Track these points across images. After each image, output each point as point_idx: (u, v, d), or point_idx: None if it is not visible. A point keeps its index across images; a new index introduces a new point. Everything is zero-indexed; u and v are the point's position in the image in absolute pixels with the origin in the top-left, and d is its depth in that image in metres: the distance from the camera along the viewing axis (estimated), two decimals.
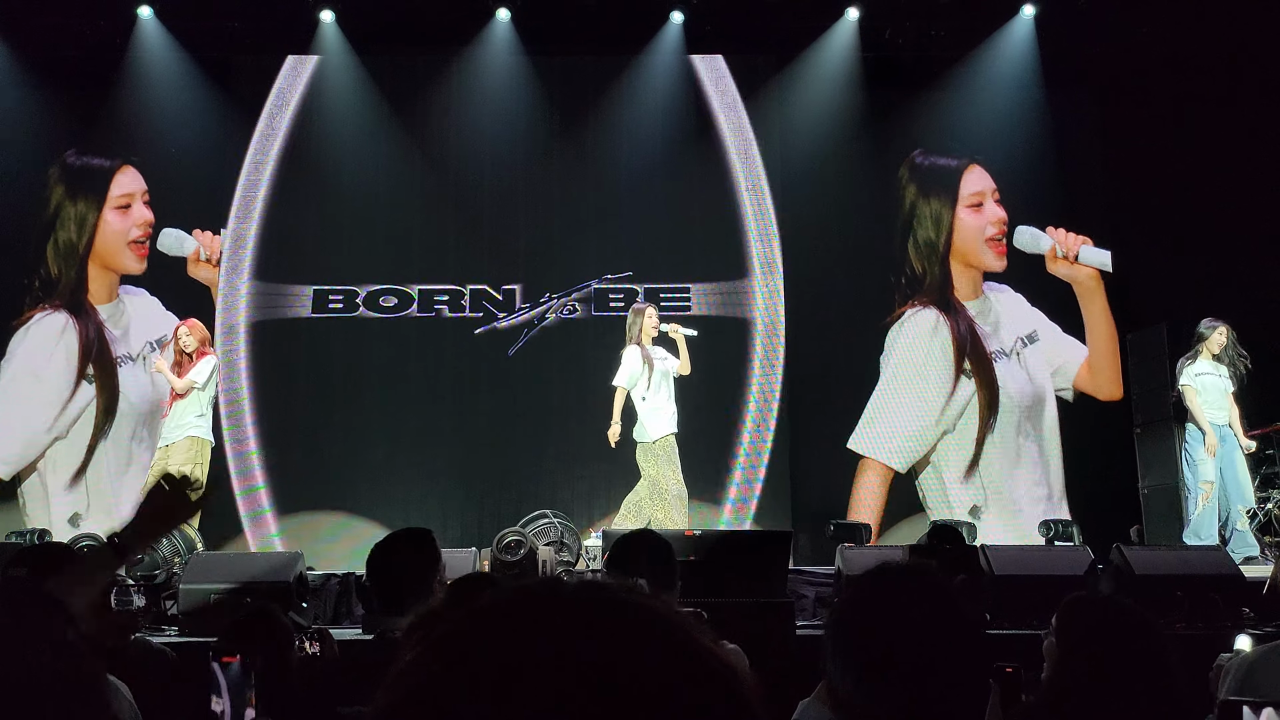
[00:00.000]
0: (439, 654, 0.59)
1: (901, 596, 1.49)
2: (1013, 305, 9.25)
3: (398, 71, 9.34)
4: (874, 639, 1.44)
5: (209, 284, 9.06)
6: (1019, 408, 9.04)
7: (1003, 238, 9.27)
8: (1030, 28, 9.19)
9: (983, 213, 9.31)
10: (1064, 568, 5.51)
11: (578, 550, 6.58)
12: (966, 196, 9.34)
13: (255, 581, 5.73)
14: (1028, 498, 8.84)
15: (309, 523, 8.58)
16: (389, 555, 2.70)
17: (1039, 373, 9.13)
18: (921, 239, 9.32)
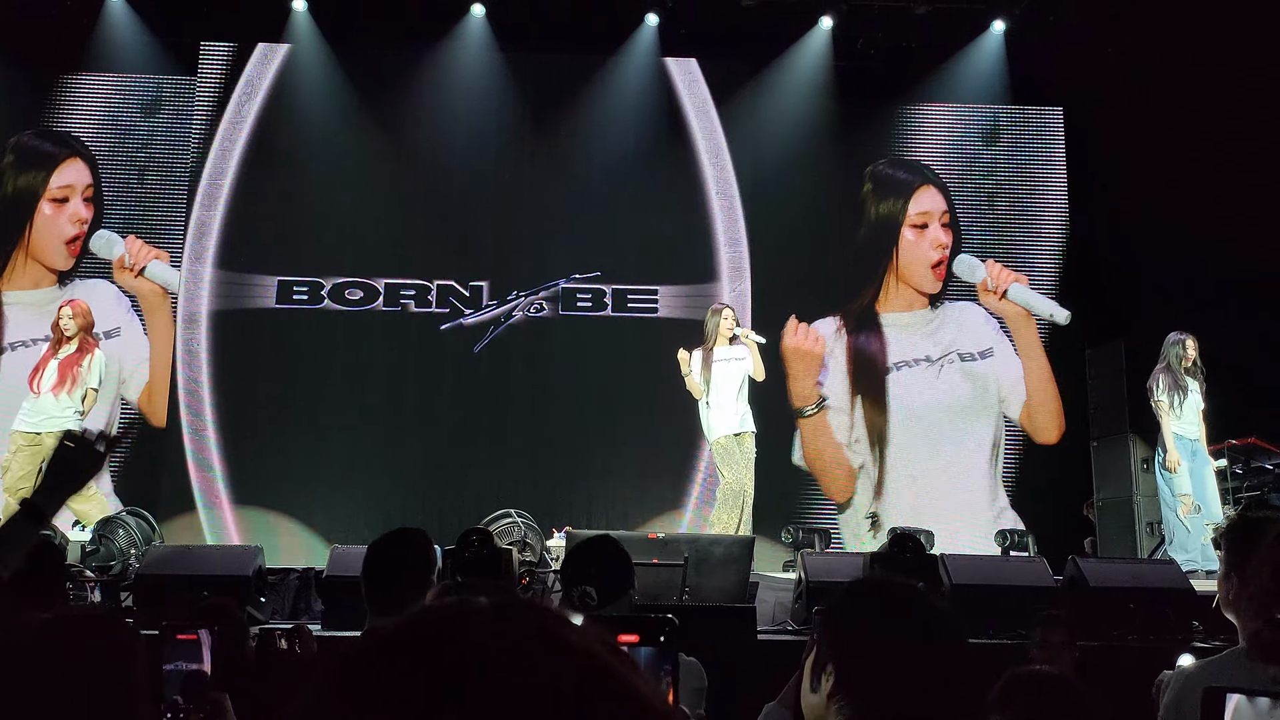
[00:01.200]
0: (323, 688, 0.60)
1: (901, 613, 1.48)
2: (970, 320, 9.33)
3: (370, 64, 9.27)
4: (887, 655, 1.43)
5: (133, 291, 8.86)
6: (927, 420, 9.06)
7: (943, 263, 9.35)
8: (1000, 43, 9.32)
9: (925, 235, 9.38)
10: (1021, 578, 5.58)
11: (540, 550, 6.56)
12: (913, 215, 9.42)
13: (213, 575, 5.66)
14: (965, 509, 8.90)
15: (268, 515, 8.49)
16: (385, 554, 2.68)
17: (980, 387, 9.20)
18: (867, 247, 9.39)
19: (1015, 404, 9.17)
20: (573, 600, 2.57)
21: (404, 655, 0.59)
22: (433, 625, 0.61)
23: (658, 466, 8.72)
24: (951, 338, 9.26)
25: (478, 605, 0.63)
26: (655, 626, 1.49)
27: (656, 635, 1.48)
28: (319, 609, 6.03)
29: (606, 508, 8.41)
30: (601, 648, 0.62)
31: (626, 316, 9.06)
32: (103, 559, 6.27)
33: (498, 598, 0.64)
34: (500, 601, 0.64)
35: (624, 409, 8.82)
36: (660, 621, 1.51)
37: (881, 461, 8.98)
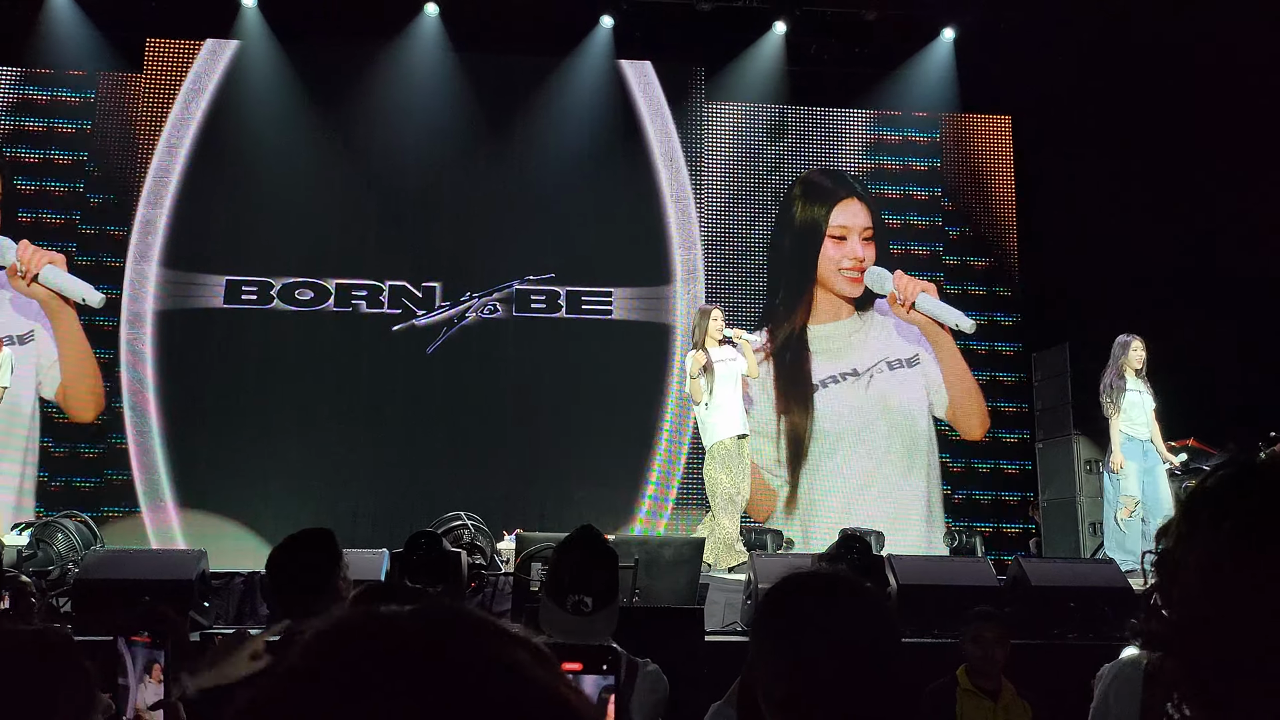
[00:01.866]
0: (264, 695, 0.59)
1: (834, 604, 1.48)
2: (895, 327, 9.41)
3: (321, 61, 9.17)
4: (809, 646, 1.44)
5: (30, 296, 8.61)
6: (858, 428, 9.15)
7: (859, 273, 9.41)
8: (950, 51, 9.45)
9: (844, 247, 9.44)
10: (965, 578, 5.67)
11: (490, 553, 6.53)
12: (834, 227, 9.48)
13: (155, 579, 5.56)
14: (900, 516, 8.99)
15: (215, 518, 8.36)
16: (289, 556, 2.63)
17: (911, 394, 9.30)
18: (790, 254, 9.46)
19: (940, 407, 9.28)
20: (565, 605, 2.51)
21: (330, 678, 0.58)
22: (356, 643, 0.60)
23: (610, 468, 8.72)
24: (880, 345, 9.33)
25: (399, 619, 0.62)
26: (598, 656, 1.48)
27: (599, 665, 1.48)
28: (264, 613, 5.95)
29: (559, 510, 8.37)
30: (531, 660, 0.61)
31: (580, 318, 9.05)
32: (40, 564, 6.14)
33: (421, 606, 0.63)
34: (427, 611, 0.62)
35: (577, 411, 8.81)
36: (603, 650, 1.51)
37: (795, 481, 9.02)
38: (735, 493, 6.54)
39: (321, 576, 2.60)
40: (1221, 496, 0.86)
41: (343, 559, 2.68)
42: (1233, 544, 0.83)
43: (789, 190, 9.51)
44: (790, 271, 9.39)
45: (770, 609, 1.48)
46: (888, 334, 9.36)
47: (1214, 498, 0.87)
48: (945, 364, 9.32)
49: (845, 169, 9.62)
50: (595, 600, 2.50)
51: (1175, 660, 0.84)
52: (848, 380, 9.20)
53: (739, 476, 6.57)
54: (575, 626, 2.48)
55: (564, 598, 2.49)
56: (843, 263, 9.40)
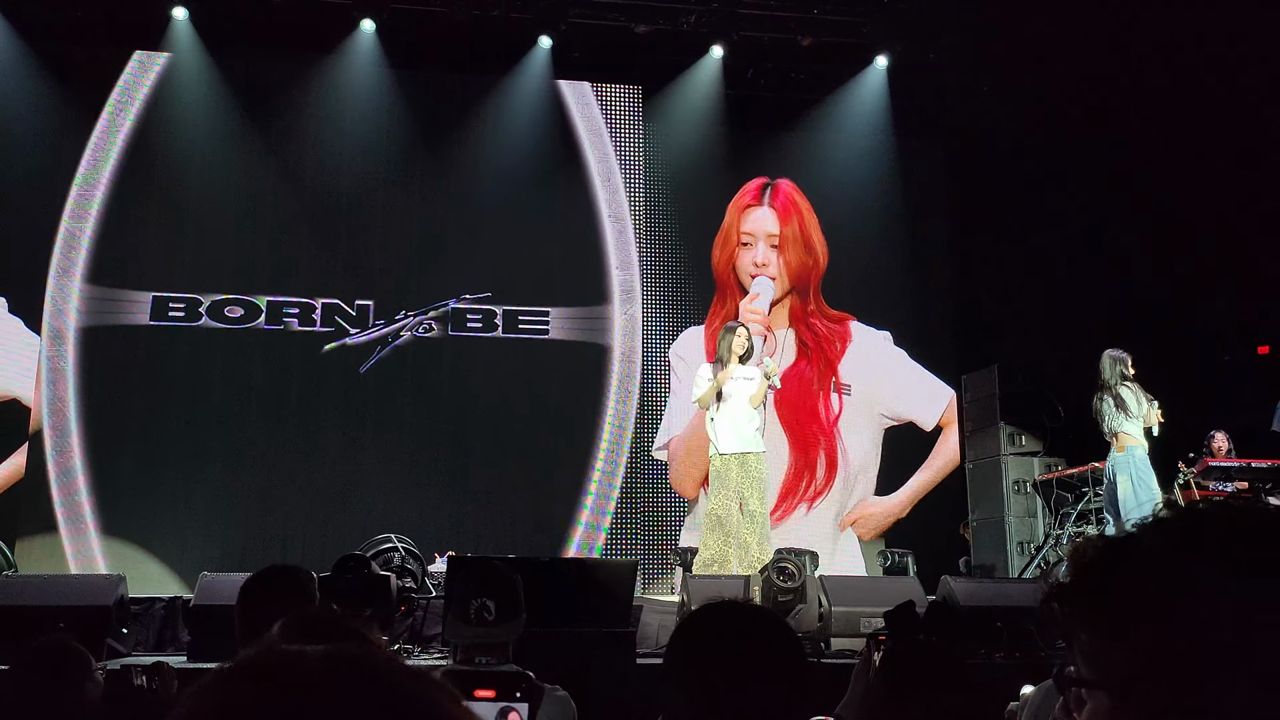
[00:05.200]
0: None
1: (733, 630, 1.52)
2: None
3: (254, 76, 9.03)
4: (709, 671, 1.47)
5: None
6: None
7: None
8: (883, 77, 9.63)
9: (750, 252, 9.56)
10: (895, 598, 5.70)
11: (421, 576, 6.44)
12: (743, 234, 9.57)
13: (71, 605, 5.38)
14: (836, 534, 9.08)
15: (137, 540, 8.12)
16: (261, 592, 2.58)
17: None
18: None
19: None
20: (469, 615, 2.54)
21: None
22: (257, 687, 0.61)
23: (547, 488, 8.67)
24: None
25: (305, 659, 0.62)
26: (510, 682, 1.49)
27: (512, 691, 1.49)
28: (186, 639, 5.80)
29: (494, 532, 8.30)
30: (435, 697, 0.62)
31: (517, 338, 9.01)
32: None
33: (326, 649, 0.64)
34: (330, 654, 0.63)
35: (513, 431, 8.75)
36: (515, 677, 1.51)
37: None
38: (724, 513, 6.48)
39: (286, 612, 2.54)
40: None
41: (314, 597, 2.64)
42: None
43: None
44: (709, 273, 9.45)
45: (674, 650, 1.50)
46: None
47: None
48: None
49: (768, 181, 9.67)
50: (498, 607, 2.54)
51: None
52: None
53: (729, 496, 6.49)
54: (478, 634, 2.52)
55: (466, 606, 2.53)
56: (748, 269, 9.48)
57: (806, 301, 9.46)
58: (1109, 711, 0.83)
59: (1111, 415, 6.86)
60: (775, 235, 9.45)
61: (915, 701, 2.16)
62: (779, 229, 9.47)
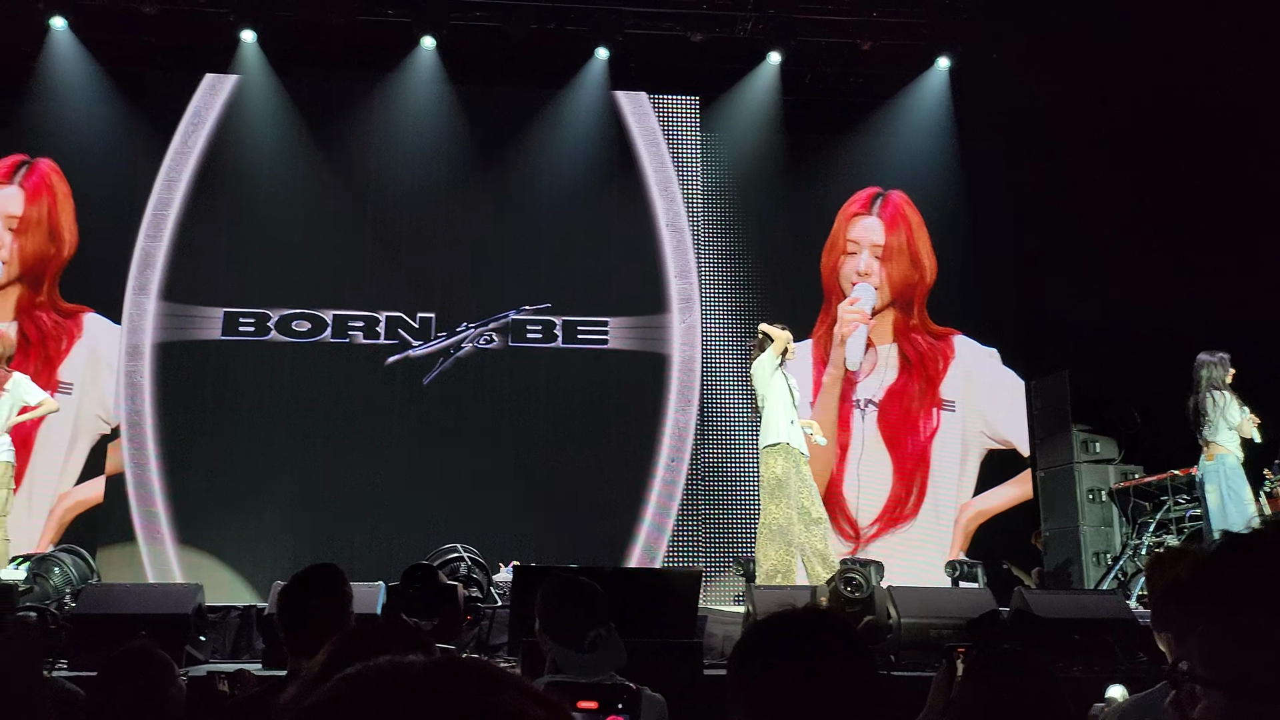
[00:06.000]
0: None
1: (800, 642, 1.48)
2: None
3: (319, 95, 9.22)
4: (775, 685, 1.44)
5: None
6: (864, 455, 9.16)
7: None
8: (945, 78, 9.50)
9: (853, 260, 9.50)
10: (966, 610, 5.60)
11: (487, 585, 6.48)
12: (847, 241, 9.52)
13: (151, 614, 5.53)
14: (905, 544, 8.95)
15: (212, 550, 8.31)
16: (298, 596, 2.63)
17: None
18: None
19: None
20: (582, 644, 2.55)
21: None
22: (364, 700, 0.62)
23: (608, 498, 8.68)
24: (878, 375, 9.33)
25: (409, 669, 0.63)
26: (615, 694, 1.50)
27: (615, 702, 1.50)
28: (260, 647, 5.91)
29: (556, 541, 8.33)
30: (537, 709, 0.62)
31: (576, 348, 9.04)
32: (37, 598, 6.10)
33: (429, 661, 0.65)
34: (432, 666, 0.64)
35: (574, 441, 8.78)
36: (617, 688, 1.51)
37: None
38: (786, 522, 6.44)
39: (330, 617, 2.59)
40: None
41: (350, 598, 2.68)
42: None
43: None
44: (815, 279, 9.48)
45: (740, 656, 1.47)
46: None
47: None
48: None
49: (842, 198, 9.63)
50: (607, 632, 2.55)
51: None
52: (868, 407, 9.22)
53: (789, 505, 6.47)
54: (592, 662, 2.52)
55: (580, 638, 2.53)
56: (850, 277, 9.48)
57: (909, 316, 9.42)
58: (1225, 709, 0.81)
59: (1212, 419, 6.62)
60: (880, 245, 9.44)
61: (1002, 713, 2.11)
62: (884, 239, 9.45)
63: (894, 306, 9.43)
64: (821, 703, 1.41)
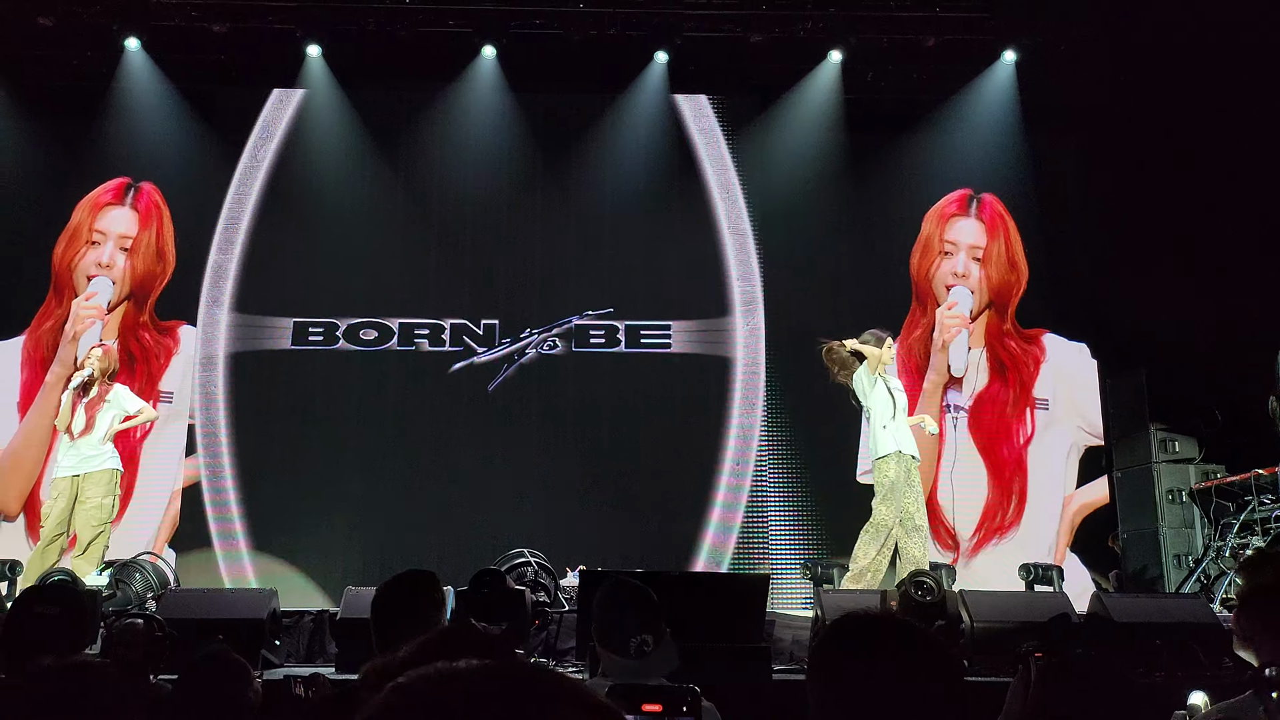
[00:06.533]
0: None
1: (879, 645, 1.46)
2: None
3: (383, 106, 9.37)
4: (855, 688, 1.41)
5: None
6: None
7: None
8: (1011, 72, 9.31)
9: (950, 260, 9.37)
10: (1042, 613, 5.47)
11: (554, 590, 6.50)
12: (945, 242, 9.39)
13: (228, 619, 5.64)
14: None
15: (285, 555, 8.48)
16: (391, 598, 2.68)
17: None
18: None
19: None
20: (629, 650, 2.55)
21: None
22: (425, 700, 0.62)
23: (672, 503, 8.66)
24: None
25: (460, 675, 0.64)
26: (679, 697, 1.49)
27: (680, 705, 1.49)
28: (333, 651, 6.00)
29: (622, 545, 8.33)
30: (587, 716, 0.62)
31: (639, 352, 9.05)
32: (119, 603, 6.27)
33: (479, 666, 0.65)
34: (483, 672, 0.64)
35: (638, 445, 8.78)
36: (682, 692, 1.50)
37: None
38: (891, 523, 6.42)
39: (420, 619, 2.63)
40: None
41: (444, 603, 2.72)
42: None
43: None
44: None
45: (820, 660, 1.45)
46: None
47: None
48: None
49: (905, 196, 9.49)
50: (655, 638, 2.52)
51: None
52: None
53: (898, 507, 6.45)
54: (640, 668, 2.50)
55: (625, 644, 2.51)
56: (947, 279, 9.37)
57: (1003, 320, 9.25)
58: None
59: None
60: (979, 248, 9.31)
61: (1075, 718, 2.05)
62: (985, 242, 9.33)
63: (989, 310, 9.27)
64: (903, 702, 1.38)
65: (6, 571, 6.80)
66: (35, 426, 8.70)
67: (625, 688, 2.07)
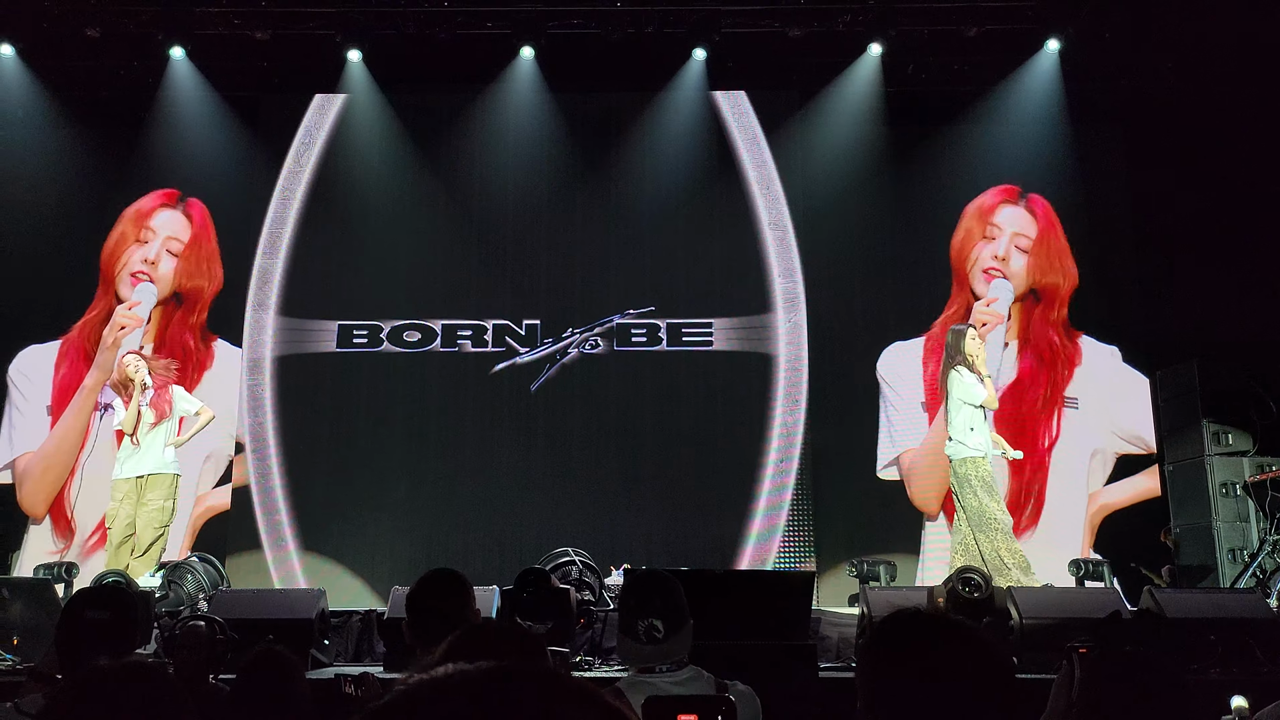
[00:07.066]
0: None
1: (927, 643, 1.44)
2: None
3: (423, 109, 9.45)
4: (904, 686, 1.40)
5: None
6: None
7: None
8: (1055, 62, 9.16)
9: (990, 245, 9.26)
10: (1093, 610, 5.39)
11: (599, 589, 6.52)
12: (990, 224, 9.28)
13: (278, 619, 5.73)
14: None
15: (332, 556, 8.59)
16: (423, 596, 2.72)
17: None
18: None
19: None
20: (638, 634, 2.57)
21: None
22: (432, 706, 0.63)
23: (716, 501, 8.64)
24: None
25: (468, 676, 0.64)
26: (713, 706, 1.49)
27: (714, 714, 1.49)
28: (381, 650, 6.06)
29: (666, 544, 8.33)
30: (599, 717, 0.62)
31: (681, 350, 9.04)
32: (172, 604, 6.39)
33: (490, 667, 0.64)
34: (492, 673, 0.64)
35: (682, 443, 8.78)
36: (717, 701, 1.51)
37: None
38: (990, 515, 6.53)
39: (452, 617, 2.66)
40: None
41: (472, 598, 2.76)
42: None
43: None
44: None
45: (868, 658, 1.43)
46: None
47: None
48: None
49: (948, 190, 9.38)
50: (666, 624, 2.54)
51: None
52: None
53: (996, 503, 6.60)
54: (651, 654, 2.54)
55: (634, 626, 2.55)
56: (986, 262, 9.26)
57: (1049, 311, 9.11)
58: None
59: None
60: (1027, 237, 9.19)
61: (1119, 715, 2.02)
62: (1034, 232, 9.22)
63: (1025, 301, 9.12)
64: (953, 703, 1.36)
65: (63, 574, 6.96)
66: (70, 428, 8.88)
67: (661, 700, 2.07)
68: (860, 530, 8.62)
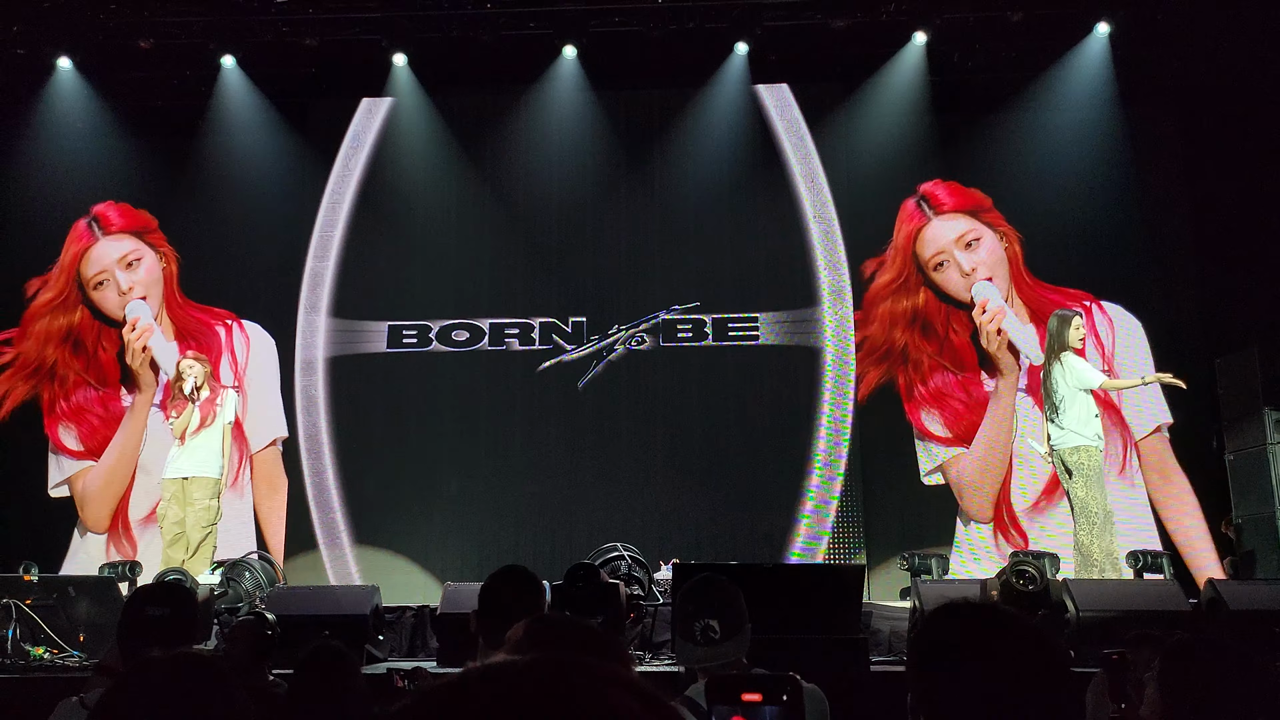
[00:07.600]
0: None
1: (980, 636, 1.43)
2: None
3: (468, 110, 9.53)
4: (956, 679, 1.39)
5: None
6: None
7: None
8: (1105, 45, 8.98)
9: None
10: (1151, 603, 5.30)
11: (648, 584, 6.54)
12: (930, 260, 9.11)
13: (333, 615, 5.82)
14: None
15: (385, 554, 8.71)
16: (497, 590, 2.76)
17: None
18: None
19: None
20: (694, 635, 2.56)
21: None
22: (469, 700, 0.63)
23: (764, 496, 8.62)
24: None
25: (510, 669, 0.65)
26: (778, 685, 1.50)
27: (779, 694, 1.50)
28: (434, 646, 6.14)
29: (715, 539, 8.33)
30: (636, 705, 0.62)
31: (727, 345, 9.02)
32: (230, 600, 6.52)
33: (530, 660, 0.65)
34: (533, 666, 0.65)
35: (729, 438, 8.76)
36: (783, 680, 1.52)
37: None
38: (1093, 507, 6.47)
39: (524, 611, 2.70)
40: None
41: (544, 595, 2.79)
42: None
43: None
44: None
45: (922, 651, 1.43)
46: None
47: None
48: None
49: (998, 178, 9.22)
50: (722, 625, 2.53)
51: None
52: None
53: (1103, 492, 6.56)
54: (706, 655, 2.52)
55: (690, 627, 2.54)
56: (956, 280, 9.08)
57: (1022, 280, 8.97)
58: None
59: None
60: (963, 234, 9.00)
61: (1211, 710, 1.97)
62: (964, 227, 9.01)
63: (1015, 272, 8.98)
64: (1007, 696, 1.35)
65: (126, 572, 7.14)
66: (127, 444, 9.06)
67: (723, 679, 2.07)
68: (911, 524, 8.54)
